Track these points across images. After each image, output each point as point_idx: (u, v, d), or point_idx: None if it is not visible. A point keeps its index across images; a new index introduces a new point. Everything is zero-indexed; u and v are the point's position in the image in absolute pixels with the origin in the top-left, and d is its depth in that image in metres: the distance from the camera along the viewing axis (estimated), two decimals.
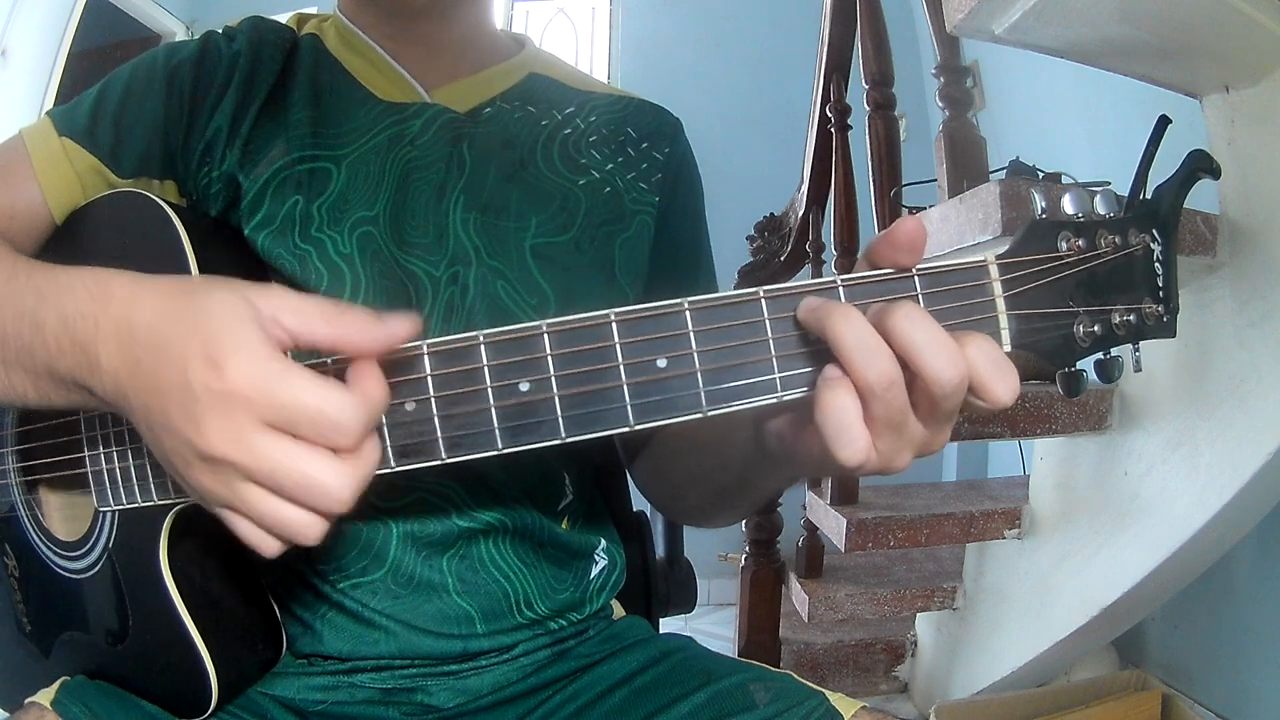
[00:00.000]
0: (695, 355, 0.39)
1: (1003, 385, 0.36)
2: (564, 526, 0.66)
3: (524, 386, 0.40)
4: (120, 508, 0.52)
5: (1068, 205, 0.40)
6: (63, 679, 0.56)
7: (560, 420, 0.40)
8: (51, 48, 2.51)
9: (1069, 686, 1.54)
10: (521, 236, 0.63)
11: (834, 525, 1.54)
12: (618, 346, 0.39)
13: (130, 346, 0.39)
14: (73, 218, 0.60)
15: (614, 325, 0.39)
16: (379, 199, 0.61)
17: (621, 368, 0.39)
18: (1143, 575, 1.27)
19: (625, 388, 0.39)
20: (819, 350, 0.38)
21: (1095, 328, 0.40)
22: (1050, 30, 1.05)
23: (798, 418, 0.42)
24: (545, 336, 0.40)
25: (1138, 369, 0.42)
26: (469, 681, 0.61)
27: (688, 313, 0.39)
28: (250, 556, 0.57)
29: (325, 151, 0.61)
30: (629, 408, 0.39)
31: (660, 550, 0.92)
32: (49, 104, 2.48)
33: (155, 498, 0.49)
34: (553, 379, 0.39)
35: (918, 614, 1.89)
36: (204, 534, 0.54)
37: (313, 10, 0.73)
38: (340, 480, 0.37)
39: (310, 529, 0.38)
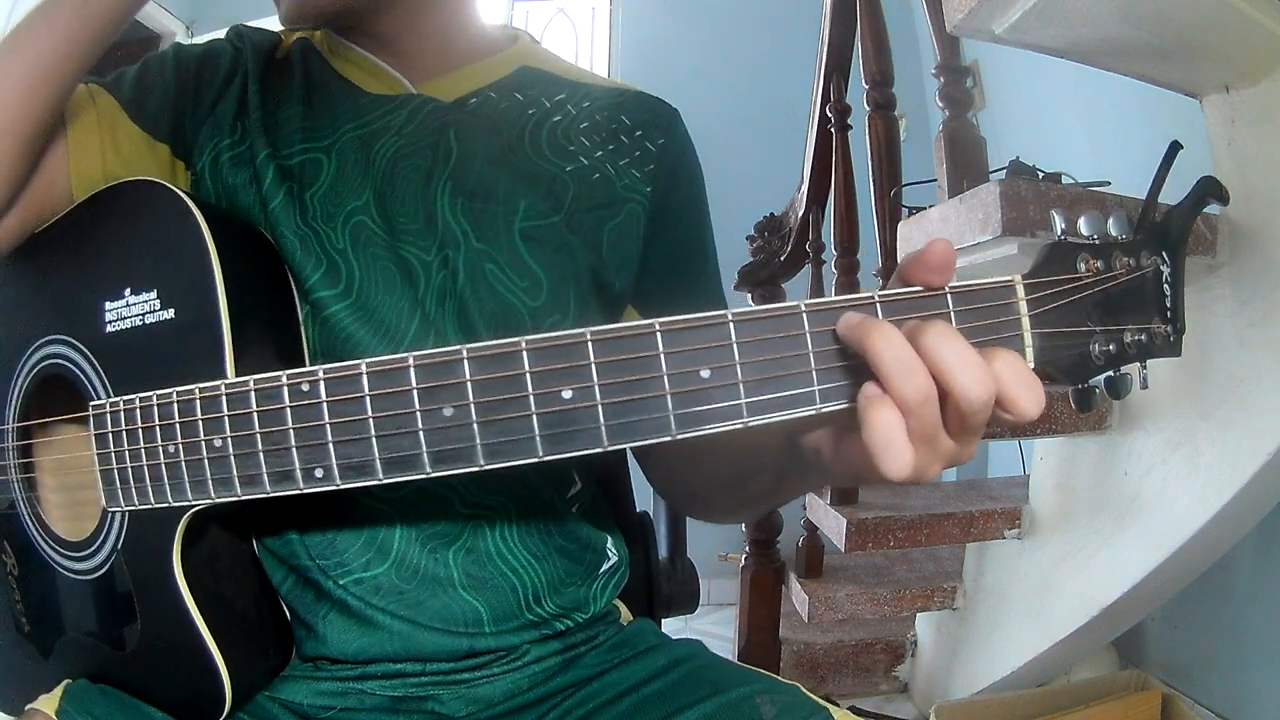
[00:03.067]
0: (739, 366, 0.39)
1: (1028, 399, 0.37)
2: (574, 512, 0.67)
3: (566, 394, 0.40)
4: (132, 509, 0.51)
5: (1084, 227, 0.42)
6: (66, 683, 0.56)
7: (603, 429, 0.40)
8: None
9: (1069, 686, 1.55)
10: (510, 220, 0.63)
11: (834, 525, 1.54)
12: (662, 356, 0.39)
13: None
14: (90, 203, 0.59)
15: (659, 335, 0.39)
16: (366, 188, 0.62)
17: (666, 377, 0.39)
18: (1143, 575, 1.27)
19: (669, 397, 0.39)
20: (856, 365, 0.39)
21: (1110, 347, 0.41)
22: (1050, 30, 1.05)
23: (836, 431, 0.42)
24: (589, 344, 0.40)
25: (1144, 386, 0.43)
26: (480, 690, 0.61)
27: (731, 324, 0.39)
28: (257, 549, 0.57)
29: (314, 144, 0.63)
30: (671, 417, 0.39)
31: (662, 551, 0.92)
32: None
33: (170, 499, 0.49)
34: (596, 387, 0.39)
35: (918, 614, 1.89)
36: (216, 535, 0.54)
37: None
38: None
39: None
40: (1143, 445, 1.31)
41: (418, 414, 0.42)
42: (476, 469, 0.41)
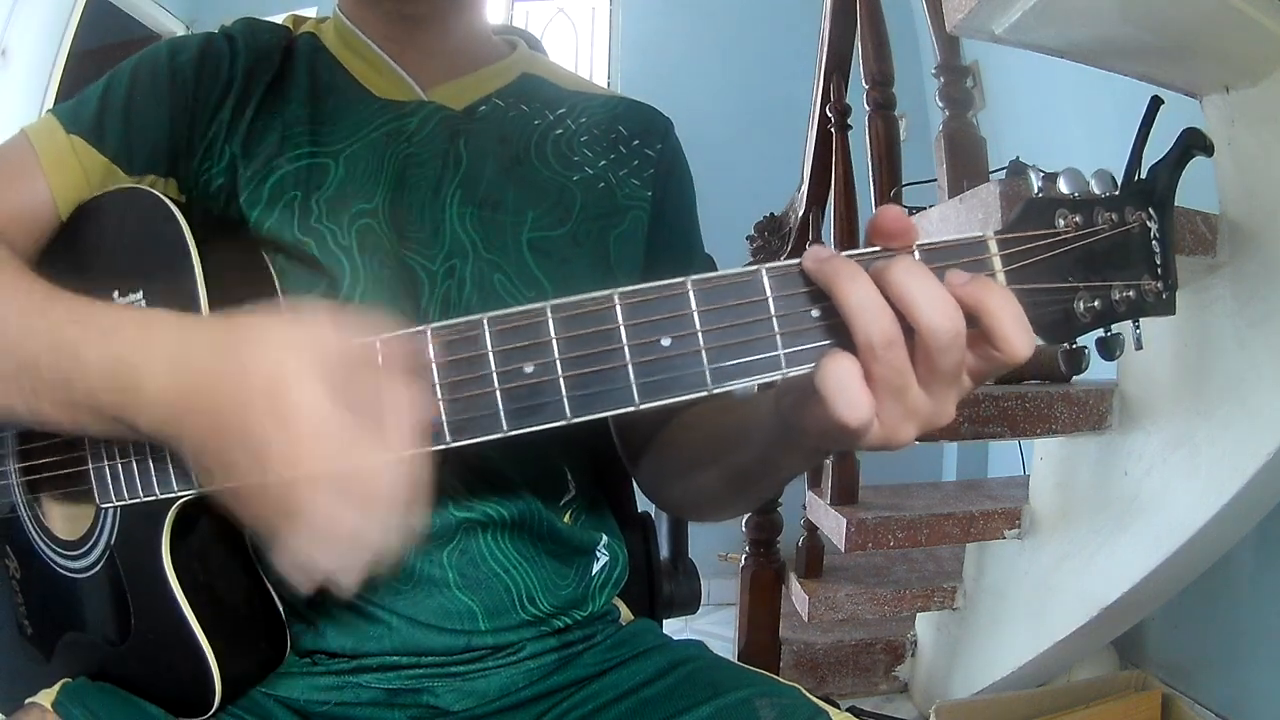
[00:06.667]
0: (700, 334, 0.39)
1: (1018, 328, 0.37)
2: (565, 521, 0.66)
3: (529, 368, 0.40)
4: (122, 503, 0.52)
5: (1064, 184, 0.41)
6: (64, 680, 0.56)
7: (565, 401, 0.40)
8: (51, 48, 2.51)
9: (1069, 686, 1.54)
10: (518, 230, 0.63)
11: (834, 525, 1.54)
12: (622, 327, 0.40)
13: (183, 380, 0.41)
14: (74, 215, 0.60)
15: (618, 306, 0.40)
16: (377, 193, 0.61)
17: (626, 348, 0.40)
18: (1143, 575, 1.27)
19: (630, 367, 0.40)
20: (822, 326, 0.39)
21: (1095, 303, 0.41)
22: (1050, 30, 1.05)
23: (805, 385, 0.42)
24: (550, 318, 0.40)
25: (1139, 346, 0.42)
26: (476, 683, 0.61)
27: (691, 292, 0.40)
28: (251, 546, 0.57)
29: (322, 148, 0.62)
30: (634, 387, 0.40)
31: (664, 551, 0.92)
32: (49, 104, 2.48)
33: (158, 492, 0.49)
34: (557, 360, 0.40)
35: (918, 614, 1.89)
36: (207, 530, 0.54)
37: (310, 13, 0.74)
38: (382, 536, 0.40)
39: (348, 577, 0.41)
40: (1143, 445, 1.31)
41: None
42: (444, 446, 0.41)
